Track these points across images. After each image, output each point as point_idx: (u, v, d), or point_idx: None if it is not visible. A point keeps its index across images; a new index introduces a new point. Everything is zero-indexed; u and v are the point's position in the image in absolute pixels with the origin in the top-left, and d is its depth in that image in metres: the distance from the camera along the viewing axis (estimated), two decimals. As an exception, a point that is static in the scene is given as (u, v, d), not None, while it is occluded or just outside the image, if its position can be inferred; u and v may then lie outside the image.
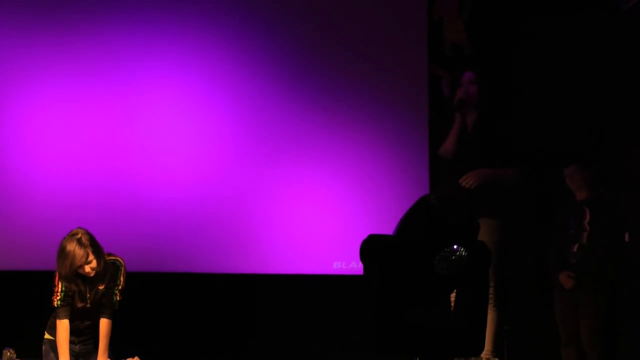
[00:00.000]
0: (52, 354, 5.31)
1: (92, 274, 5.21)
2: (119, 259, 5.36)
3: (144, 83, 6.66)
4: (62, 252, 5.19)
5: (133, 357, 5.26)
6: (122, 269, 5.34)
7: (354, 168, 6.77)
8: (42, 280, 5.47)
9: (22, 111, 6.50)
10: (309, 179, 6.74)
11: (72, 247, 5.16)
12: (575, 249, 5.99)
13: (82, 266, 5.17)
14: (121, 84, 6.63)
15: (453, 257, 3.82)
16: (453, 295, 4.35)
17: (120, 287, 5.33)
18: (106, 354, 5.25)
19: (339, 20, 6.92)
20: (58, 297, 5.24)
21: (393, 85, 6.82)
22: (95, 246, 5.21)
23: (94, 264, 5.18)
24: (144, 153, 6.60)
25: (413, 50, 6.87)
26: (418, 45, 6.89)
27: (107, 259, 5.29)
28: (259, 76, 6.78)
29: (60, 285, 5.24)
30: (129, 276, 5.40)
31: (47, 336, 5.39)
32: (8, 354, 4.98)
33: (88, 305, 5.30)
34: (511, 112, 6.65)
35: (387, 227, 4.32)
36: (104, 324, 5.28)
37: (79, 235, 5.20)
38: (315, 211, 6.70)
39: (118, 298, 5.33)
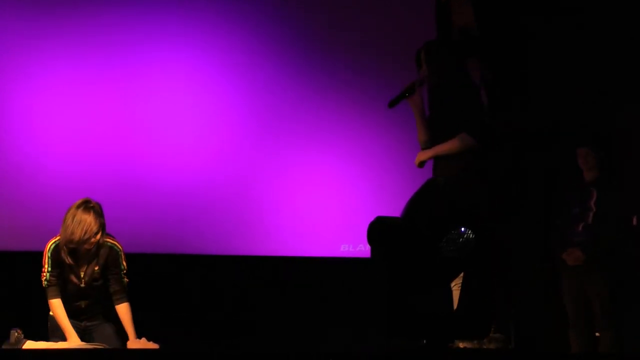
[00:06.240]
0: (57, 331, 5.33)
1: (90, 248, 5.19)
2: (117, 244, 5.34)
3: (151, 66, 6.65)
4: (79, 222, 5.13)
5: (140, 339, 5.27)
6: (121, 253, 5.35)
7: (361, 151, 6.78)
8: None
9: (28, 95, 6.49)
10: (317, 161, 6.75)
11: (89, 217, 5.14)
12: (580, 227, 6.00)
13: (90, 238, 5.15)
14: (128, 68, 6.62)
15: (460, 240, 3.82)
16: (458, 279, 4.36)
17: (125, 271, 5.36)
18: (135, 334, 5.25)
19: (348, 5, 6.92)
20: (45, 277, 5.24)
21: (401, 69, 6.81)
22: (104, 218, 5.23)
23: (98, 236, 5.18)
24: (151, 136, 6.60)
25: (421, 34, 6.84)
26: (426, 29, 6.87)
27: (105, 239, 5.28)
28: (266, 60, 6.78)
29: (46, 265, 5.23)
30: (135, 258, 5.42)
31: (52, 313, 5.40)
32: (16, 334, 4.99)
33: (82, 285, 5.29)
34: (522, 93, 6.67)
35: (395, 209, 4.32)
36: (125, 308, 5.30)
37: (93, 204, 5.20)
38: (323, 194, 6.71)
39: (126, 280, 5.36)
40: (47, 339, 5.27)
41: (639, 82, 6.43)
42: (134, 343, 5.19)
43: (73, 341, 5.15)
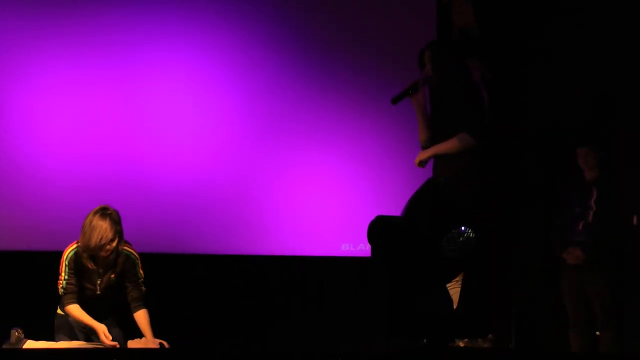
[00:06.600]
0: (63, 328, 5.34)
1: (108, 254, 5.20)
2: (133, 252, 5.34)
3: (151, 66, 6.65)
4: (95, 228, 5.13)
5: (140, 339, 5.26)
6: (138, 261, 5.36)
7: (361, 151, 6.78)
8: (51, 262, 5.47)
9: (28, 95, 6.48)
10: (317, 161, 6.75)
11: (105, 224, 5.14)
12: (580, 226, 6.00)
13: (106, 245, 5.15)
14: (128, 68, 6.62)
15: (460, 239, 3.82)
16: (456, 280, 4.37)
17: (142, 279, 5.38)
18: (153, 336, 5.26)
19: (348, 5, 6.92)
20: (61, 285, 5.23)
21: (401, 69, 6.81)
22: (121, 226, 5.24)
23: (114, 243, 5.18)
24: (151, 136, 6.60)
25: (421, 34, 6.85)
26: (426, 29, 6.87)
27: (122, 247, 5.28)
28: (266, 60, 6.78)
29: (63, 273, 5.23)
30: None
31: (59, 311, 5.40)
32: (16, 334, 4.98)
33: (98, 292, 5.29)
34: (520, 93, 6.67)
35: (395, 208, 4.33)
36: (143, 314, 5.31)
37: (110, 211, 5.20)
38: (324, 193, 6.71)
39: (144, 288, 5.38)
40: (50, 338, 5.27)
41: (639, 82, 6.43)
42: (134, 342, 5.19)
43: (102, 330, 5.16)
